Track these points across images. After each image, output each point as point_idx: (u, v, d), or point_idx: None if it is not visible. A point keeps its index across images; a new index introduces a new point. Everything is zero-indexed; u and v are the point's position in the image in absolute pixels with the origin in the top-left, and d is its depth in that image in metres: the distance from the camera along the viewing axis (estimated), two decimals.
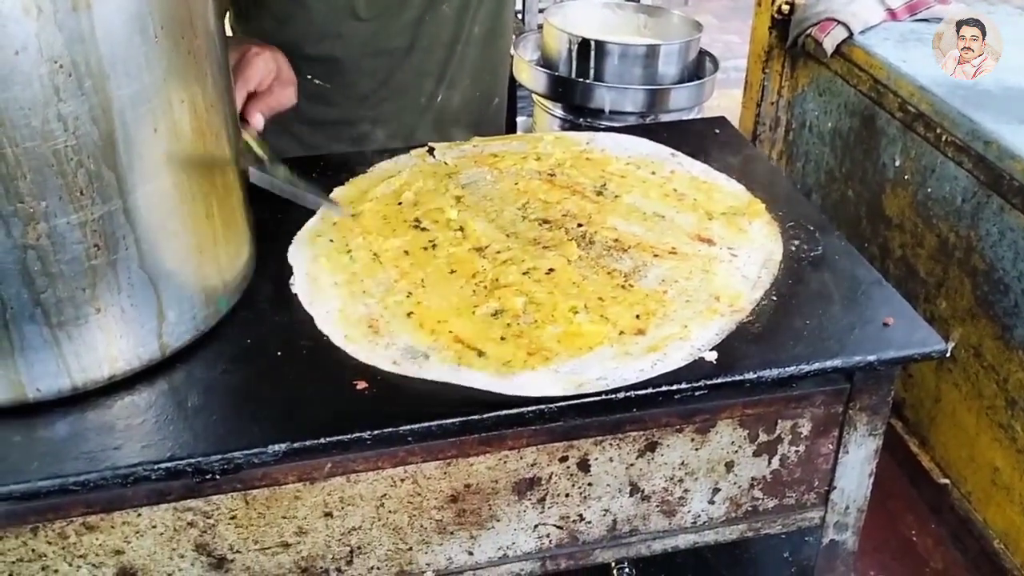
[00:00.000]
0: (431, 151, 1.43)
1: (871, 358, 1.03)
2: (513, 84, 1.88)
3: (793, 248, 1.22)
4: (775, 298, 1.12)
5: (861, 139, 1.77)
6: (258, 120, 1.34)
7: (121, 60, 0.84)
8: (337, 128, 1.70)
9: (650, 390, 0.98)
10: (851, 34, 1.78)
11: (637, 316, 1.07)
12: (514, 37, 1.86)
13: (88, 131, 0.84)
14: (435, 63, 1.64)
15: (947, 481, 1.58)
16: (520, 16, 4.57)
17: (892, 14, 1.84)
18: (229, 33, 1.42)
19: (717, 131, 1.54)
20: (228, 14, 1.62)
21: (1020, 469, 1.40)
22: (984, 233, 1.44)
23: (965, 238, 1.49)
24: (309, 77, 1.58)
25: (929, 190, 1.57)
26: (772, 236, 1.24)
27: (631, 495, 1.08)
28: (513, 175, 1.37)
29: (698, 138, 1.50)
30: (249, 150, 1.29)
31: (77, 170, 0.84)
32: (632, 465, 1.06)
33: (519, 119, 3.05)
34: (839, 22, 1.79)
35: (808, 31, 1.86)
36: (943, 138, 1.51)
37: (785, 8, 1.94)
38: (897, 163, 1.65)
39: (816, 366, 1.02)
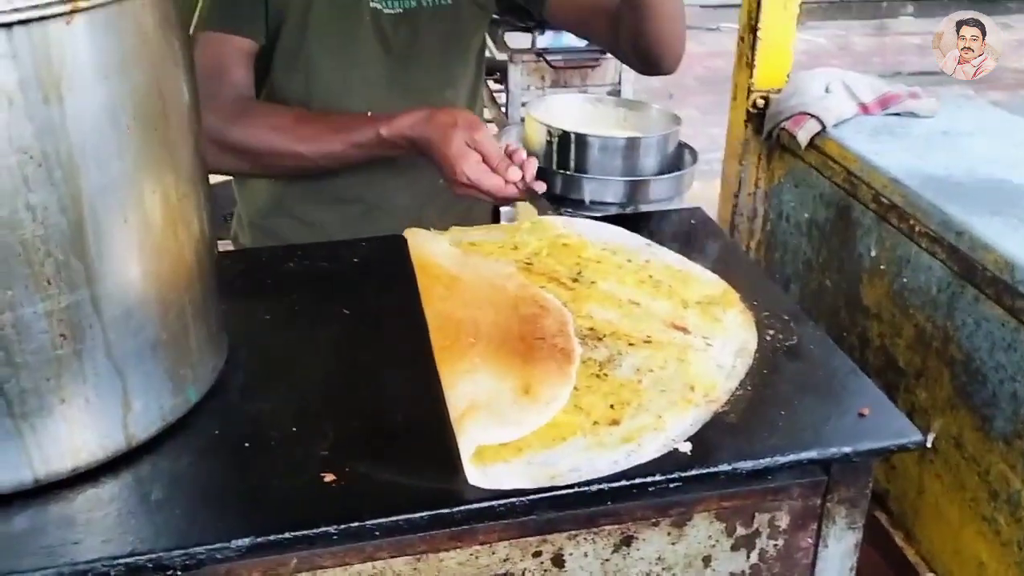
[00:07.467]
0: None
1: (847, 449, 1.02)
2: None
3: (768, 337, 1.22)
4: (750, 388, 1.11)
5: (837, 229, 1.79)
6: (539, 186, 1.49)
7: (92, 150, 0.84)
8: (341, 207, 1.71)
9: (624, 482, 0.96)
10: (824, 127, 1.82)
11: (611, 406, 1.06)
12: (497, 130, 1.89)
13: (57, 221, 0.84)
14: None
15: (933, 575, 1.55)
16: (503, 109, 4.66)
17: (864, 108, 1.88)
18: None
19: (693, 221, 1.55)
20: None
21: (1005, 563, 1.38)
22: (960, 323, 1.45)
23: (942, 328, 1.49)
24: None
25: (905, 280, 1.58)
26: (747, 325, 1.24)
27: None
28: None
29: (674, 227, 1.52)
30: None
31: (45, 259, 0.84)
32: (608, 560, 1.03)
33: (503, 208, 3.08)
34: (812, 116, 1.83)
35: (782, 124, 1.90)
36: (916, 229, 1.53)
37: (760, 102, 1.99)
38: (873, 253, 1.67)
39: (791, 457, 1.01)
